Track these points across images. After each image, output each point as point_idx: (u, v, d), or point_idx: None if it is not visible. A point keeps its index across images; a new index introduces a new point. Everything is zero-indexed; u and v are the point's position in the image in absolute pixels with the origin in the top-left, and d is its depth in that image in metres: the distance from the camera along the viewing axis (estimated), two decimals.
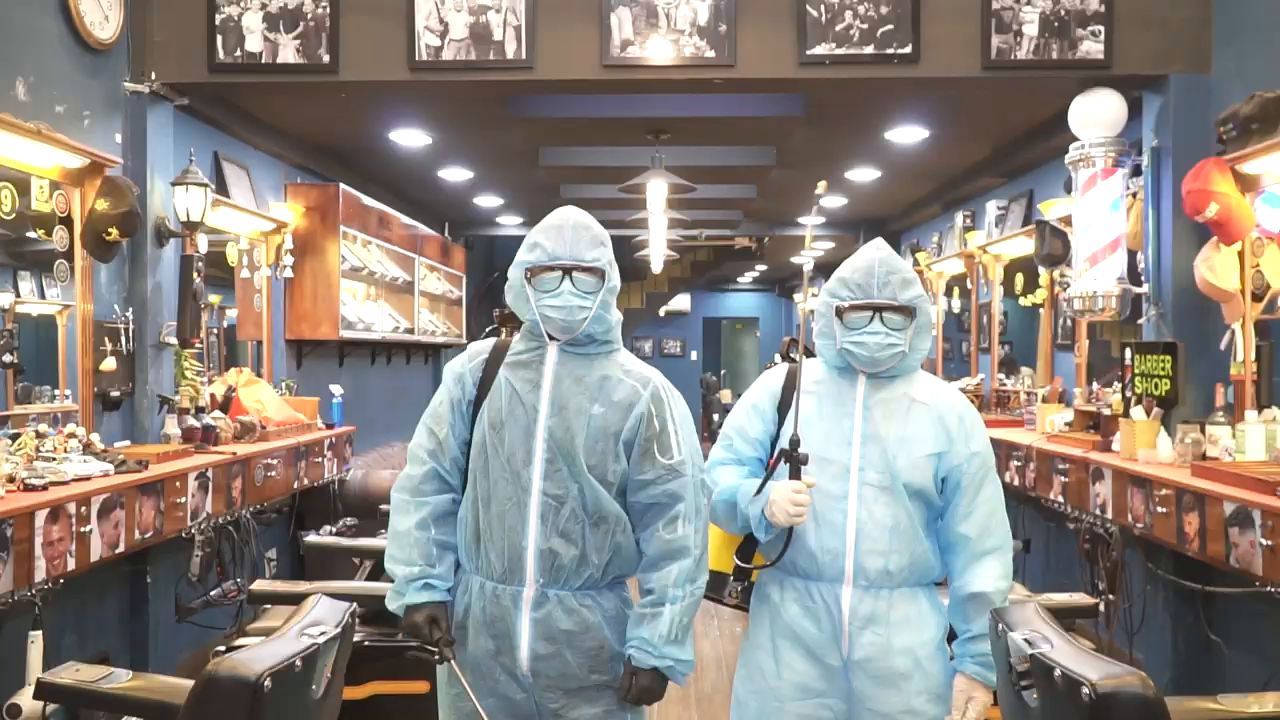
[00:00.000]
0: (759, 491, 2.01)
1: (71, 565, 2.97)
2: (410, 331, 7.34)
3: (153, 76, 4.06)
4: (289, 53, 4.03)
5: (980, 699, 2.00)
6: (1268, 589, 2.80)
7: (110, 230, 3.73)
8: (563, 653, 1.95)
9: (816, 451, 2.03)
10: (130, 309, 4.04)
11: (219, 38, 4.04)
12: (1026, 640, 1.61)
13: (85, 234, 3.73)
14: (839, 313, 2.07)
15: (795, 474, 1.97)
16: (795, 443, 1.98)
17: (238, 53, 4.04)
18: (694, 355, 17.39)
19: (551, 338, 2.02)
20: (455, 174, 7.15)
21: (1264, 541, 2.76)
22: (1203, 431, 3.53)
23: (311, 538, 3.85)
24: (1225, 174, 3.45)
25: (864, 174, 6.97)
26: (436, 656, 1.99)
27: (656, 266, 8.93)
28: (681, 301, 16.56)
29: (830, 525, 2.03)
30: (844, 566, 2.02)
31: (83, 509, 3.02)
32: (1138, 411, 3.81)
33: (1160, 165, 4.00)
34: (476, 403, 2.05)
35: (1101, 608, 3.73)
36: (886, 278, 2.04)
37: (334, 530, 4.87)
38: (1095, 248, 4.07)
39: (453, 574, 2.04)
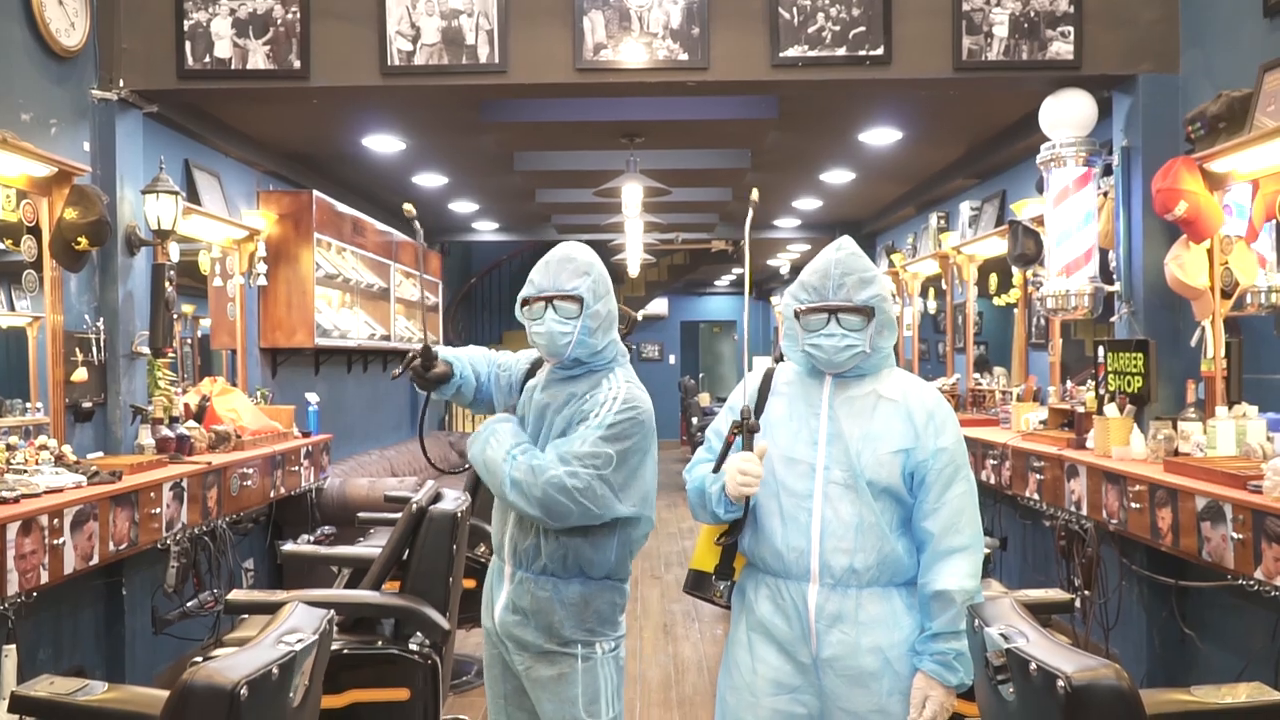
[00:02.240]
0: (717, 469, 2.06)
1: (45, 578, 2.93)
2: (387, 338, 7.30)
3: (120, 84, 4.03)
4: (259, 59, 4.01)
5: (937, 698, 1.98)
6: (1239, 582, 2.83)
7: (79, 239, 3.70)
8: (524, 624, 2.20)
9: (784, 451, 2.06)
10: (101, 319, 4.00)
11: (187, 44, 4.01)
12: (1002, 635, 1.62)
13: (54, 243, 3.69)
14: (798, 315, 2.09)
15: (748, 445, 1.99)
16: (746, 414, 2.00)
17: (207, 59, 4.01)
18: (672, 359, 17.39)
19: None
20: (430, 180, 7.13)
21: (1235, 535, 2.79)
22: (1175, 428, 3.57)
23: (289, 546, 3.82)
24: (1194, 172, 3.49)
25: (838, 176, 7.01)
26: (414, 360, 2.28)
27: (633, 270, 8.93)
28: (659, 305, 16.57)
29: (796, 523, 2.04)
30: (809, 565, 2.03)
31: (55, 521, 2.98)
32: (1111, 409, 3.85)
33: (1130, 164, 4.05)
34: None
35: (1077, 603, 3.77)
36: (842, 279, 2.05)
37: (312, 539, 4.84)
38: (1070, 252, 4.12)
39: (466, 372, 2.37)
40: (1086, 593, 3.93)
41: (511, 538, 2.22)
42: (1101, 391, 4.02)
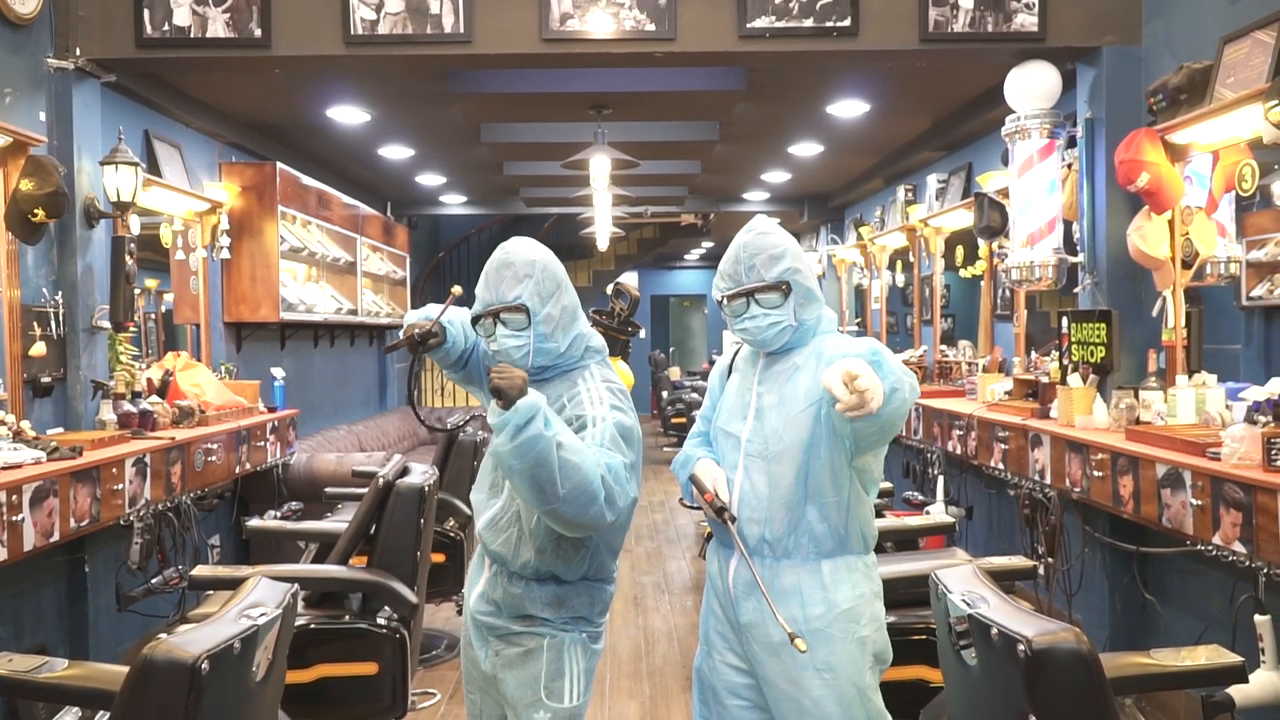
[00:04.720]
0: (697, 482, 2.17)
1: (3, 555, 2.89)
2: (354, 313, 7.23)
3: (77, 52, 3.93)
4: (219, 27, 3.93)
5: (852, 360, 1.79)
6: (1198, 547, 2.88)
7: (36, 211, 3.62)
8: (495, 614, 2.16)
9: (722, 425, 2.19)
10: (60, 292, 3.92)
11: (146, 12, 3.91)
12: (965, 600, 1.64)
13: (9, 215, 3.61)
14: (722, 304, 2.14)
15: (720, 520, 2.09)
16: (726, 514, 2.07)
17: (166, 27, 3.93)
18: (642, 333, 17.38)
19: None
20: (396, 152, 7.04)
21: (1194, 501, 2.84)
22: (1136, 397, 3.62)
23: (255, 522, 3.80)
24: (1156, 144, 3.52)
25: (807, 149, 7.00)
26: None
27: (602, 244, 8.89)
28: (629, 279, 16.55)
29: (726, 494, 2.13)
30: (731, 533, 2.09)
31: (13, 498, 2.94)
32: (1075, 379, 3.89)
33: (1094, 136, 4.07)
34: None
35: (1041, 570, 3.82)
36: (751, 260, 2.08)
37: (278, 514, 4.81)
38: (1034, 223, 4.15)
39: (458, 340, 2.16)
40: (1050, 560, 3.99)
41: (483, 538, 2.16)
42: (1065, 362, 4.07)
